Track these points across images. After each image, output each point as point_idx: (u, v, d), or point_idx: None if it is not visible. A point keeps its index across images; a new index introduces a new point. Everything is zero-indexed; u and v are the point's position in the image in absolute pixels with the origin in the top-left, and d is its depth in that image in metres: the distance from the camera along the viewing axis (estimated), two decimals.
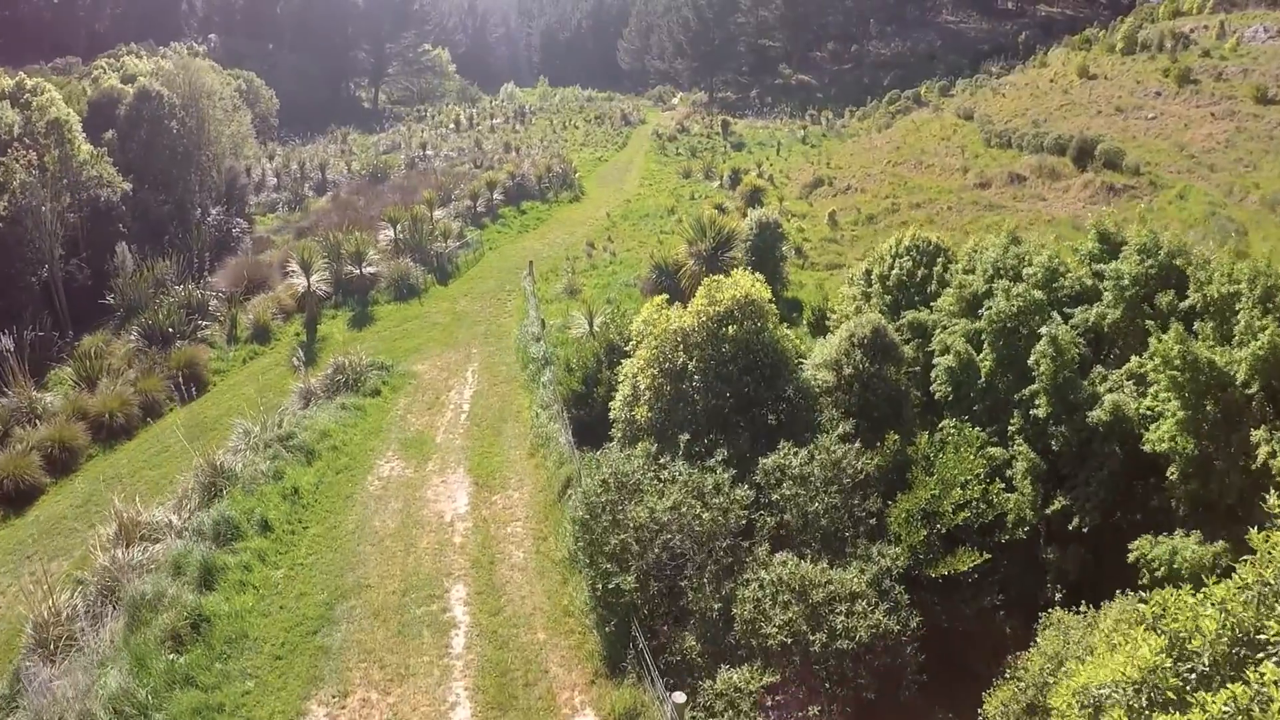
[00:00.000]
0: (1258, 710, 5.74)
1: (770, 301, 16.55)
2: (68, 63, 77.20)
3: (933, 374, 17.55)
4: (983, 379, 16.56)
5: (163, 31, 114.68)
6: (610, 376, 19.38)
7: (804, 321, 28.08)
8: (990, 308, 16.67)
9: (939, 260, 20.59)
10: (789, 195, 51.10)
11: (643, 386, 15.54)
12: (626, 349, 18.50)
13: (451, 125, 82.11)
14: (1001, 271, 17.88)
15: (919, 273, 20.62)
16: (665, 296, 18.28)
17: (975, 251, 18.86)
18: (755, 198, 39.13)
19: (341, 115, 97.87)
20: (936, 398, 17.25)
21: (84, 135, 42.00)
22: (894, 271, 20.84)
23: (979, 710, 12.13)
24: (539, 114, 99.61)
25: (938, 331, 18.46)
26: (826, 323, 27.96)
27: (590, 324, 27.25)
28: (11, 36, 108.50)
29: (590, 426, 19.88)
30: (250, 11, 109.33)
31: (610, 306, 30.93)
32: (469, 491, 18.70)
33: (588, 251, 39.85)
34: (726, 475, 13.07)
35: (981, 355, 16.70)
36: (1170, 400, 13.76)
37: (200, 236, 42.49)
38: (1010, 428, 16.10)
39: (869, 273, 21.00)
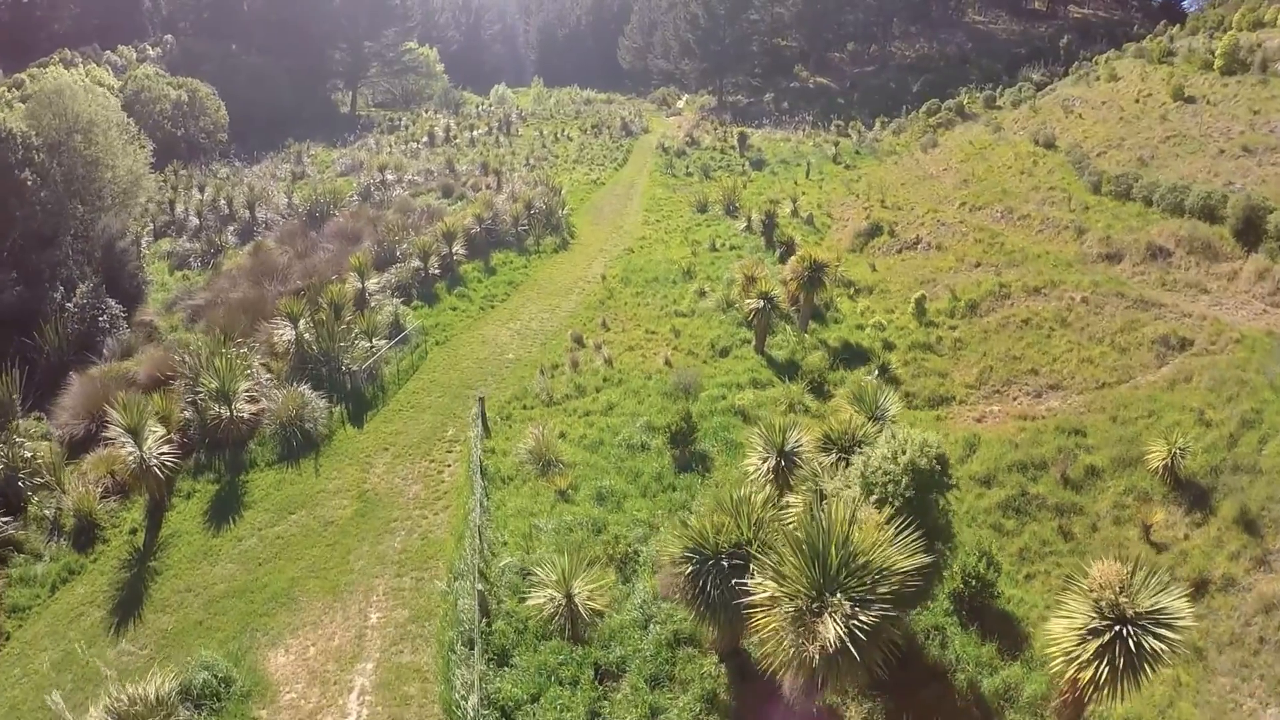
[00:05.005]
0: None
1: None
2: None
3: None
4: None
5: (124, 32, 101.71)
6: None
7: (943, 593, 14.88)
8: None
9: None
10: (839, 246, 37.89)
11: None
12: None
13: (425, 139, 68.23)
14: None
15: None
16: None
17: None
18: (815, 278, 25.85)
19: (313, 122, 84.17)
20: None
21: None
22: None
23: None
24: (530, 120, 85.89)
25: None
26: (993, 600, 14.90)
27: (567, 588, 14.21)
28: None
29: None
30: (217, 8, 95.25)
31: (604, 513, 17.93)
32: None
33: (571, 355, 26.64)
34: None
35: None
36: None
37: (59, 335, 29.58)
38: None
39: None
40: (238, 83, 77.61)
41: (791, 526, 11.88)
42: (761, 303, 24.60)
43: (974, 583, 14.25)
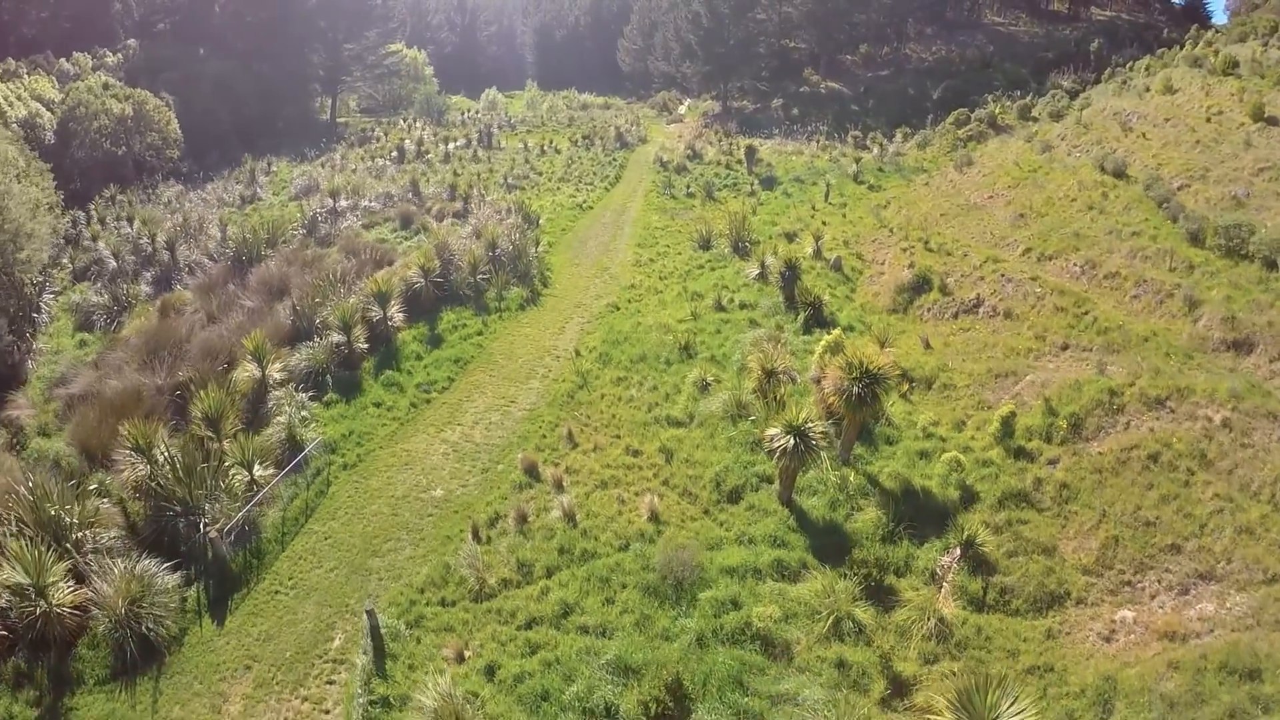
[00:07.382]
0: None
1: None
2: None
3: None
4: None
5: (94, 37, 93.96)
6: None
7: None
8: None
9: None
10: (876, 304, 30.17)
11: None
12: None
13: (393, 154, 60.05)
14: None
15: None
16: None
17: None
18: (867, 394, 18.03)
19: (288, 131, 76.61)
20: None
21: None
22: None
23: None
24: (518, 128, 78.02)
25: None
26: None
27: None
28: None
29: None
30: (189, 12, 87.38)
31: None
32: None
33: (519, 502, 18.90)
34: None
35: None
36: None
37: None
38: None
39: None
40: (201, 90, 69.93)
41: None
42: (792, 440, 16.76)
43: None
